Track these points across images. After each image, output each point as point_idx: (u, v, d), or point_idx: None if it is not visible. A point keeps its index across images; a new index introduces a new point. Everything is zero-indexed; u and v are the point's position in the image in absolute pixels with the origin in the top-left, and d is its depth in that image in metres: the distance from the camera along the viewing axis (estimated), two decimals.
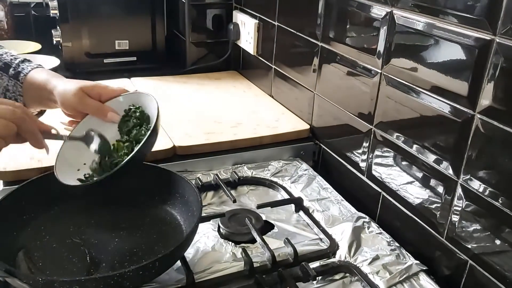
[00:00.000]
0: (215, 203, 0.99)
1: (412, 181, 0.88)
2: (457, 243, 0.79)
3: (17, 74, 0.88)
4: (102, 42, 1.56)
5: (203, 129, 1.17)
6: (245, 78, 1.58)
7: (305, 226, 0.93)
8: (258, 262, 0.80)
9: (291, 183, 1.05)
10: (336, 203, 0.98)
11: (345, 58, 1.03)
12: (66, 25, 1.51)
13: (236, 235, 0.87)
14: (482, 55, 0.70)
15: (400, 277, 0.78)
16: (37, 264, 0.74)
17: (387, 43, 0.89)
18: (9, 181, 0.94)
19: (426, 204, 0.85)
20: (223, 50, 1.61)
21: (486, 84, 0.70)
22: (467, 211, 0.76)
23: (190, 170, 1.07)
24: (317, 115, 1.18)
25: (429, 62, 0.80)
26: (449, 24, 0.75)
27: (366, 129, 0.98)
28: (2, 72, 0.89)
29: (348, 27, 1.01)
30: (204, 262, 0.80)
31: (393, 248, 0.85)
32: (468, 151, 0.74)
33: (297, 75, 1.25)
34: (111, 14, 1.56)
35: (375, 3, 0.91)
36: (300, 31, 1.20)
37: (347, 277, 0.80)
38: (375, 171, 0.97)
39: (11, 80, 0.88)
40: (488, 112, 0.70)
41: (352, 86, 1.02)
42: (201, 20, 1.60)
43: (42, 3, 1.86)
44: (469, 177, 0.75)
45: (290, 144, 1.17)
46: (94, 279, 0.66)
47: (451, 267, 0.81)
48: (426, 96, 0.81)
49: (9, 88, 0.89)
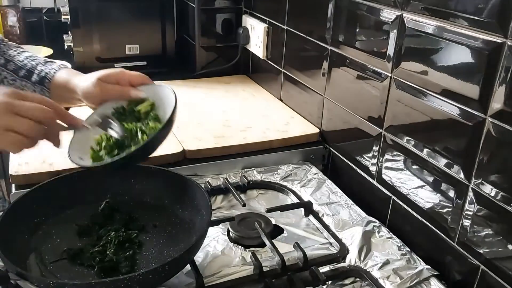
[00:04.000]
0: (224, 207, 0.99)
1: (422, 185, 0.87)
2: (469, 248, 0.78)
3: (42, 80, 0.89)
4: (112, 46, 1.58)
5: (213, 133, 1.17)
6: (254, 82, 1.58)
7: (314, 230, 0.93)
8: (267, 266, 0.79)
9: (300, 187, 1.05)
10: (346, 207, 0.98)
11: (354, 62, 1.03)
12: (77, 30, 1.52)
13: (246, 239, 0.87)
14: (493, 58, 0.69)
15: (410, 282, 0.77)
16: (48, 267, 0.74)
17: (397, 47, 0.89)
18: (21, 184, 0.95)
19: (437, 208, 0.84)
20: (233, 54, 1.61)
21: (497, 87, 0.69)
22: (478, 216, 0.75)
23: (199, 174, 1.07)
24: (327, 119, 1.18)
25: (440, 66, 0.79)
26: (460, 27, 0.74)
27: (376, 133, 0.98)
28: (27, 80, 0.90)
29: (357, 31, 1.01)
30: (213, 266, 0.80)
31: (404, 252, 0.84)
32: (480, 155, 0.74)
33: (306, 79, 1.25)
34: (121, 19, 1.57)
35: (385, 7, 0.91)
36: (309, 35, 1.20)
37: (357, 282, 0.80)
38: (385, 175, 0.97)
39: (37, 86, 0.90)
40: (500, 116, 0.69)
41: (362, 89, 1.01)
42: (211, 25, 1.61)
43: (54, 8, 1.88)
44: (481, 181, 0.74)
45: (299, 148, 1.17)
46: (105, 283, 0.66)
47: (463, 272, 0.80)
48: (437, 100, 0.81)
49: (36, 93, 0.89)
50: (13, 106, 0.66)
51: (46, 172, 0.95)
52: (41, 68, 0.90)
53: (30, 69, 0.91)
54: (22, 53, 0.95)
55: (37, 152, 1.04)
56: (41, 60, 0.93)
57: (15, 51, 0.95)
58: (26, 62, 0.92)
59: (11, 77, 0.91)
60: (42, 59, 0.93)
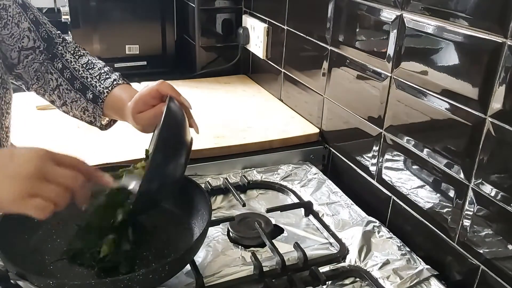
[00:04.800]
0: (224, 207, 0.99)
1: (422, 185, 0.87)
2: (469, 248, 0.78)
3: (95, 99, 0.88)
4: (112, 46, 1.58)
5: (213, 133, 1.17)
6: (254, 82, 1.58)
7: (314, 230, 0.93)
8: (267, 266, 0.79)
9: (300, 187, 1.05)
10: (346, 207, 0.98)
11: (354, 62, 1.03)
12: (77, 30, 1.52)
13: (246, 239, 0.87)
14: (493, 58, 0.69)
15: (411, 282, 0.77)
16: (48, 267, 0.74)
17: (397, 47, 0.89)
18: None
19: (437, 208, 0.84)
20: (233, 54, 1.61)
21: (497, 87, 0.69)
22: (478, 216, 0.75)
23: (199, 174, 1.07)
24: (327, 118, 1.18)
25: (440, 66, 0.79)
26: (460, 27, 0.74)
27: (376, 133, 0.98)
28: (81, 94, 0.89)
29: (357, 31, 1.01)
30: (213, 266, 0.80)
31: (404, 252, 0.84)
32: (480, 155, 0.74)
33: (306, 79, 1.25)
34: (121, 19, 1.57)
35: (385, 7, 0.91)
36: (309, 35, 1.20)
37: (357, 282, 0.80)
38: (385, 175, 0.97)
39: (90, 103, 0.89)
40: (500, 116, 0.69)
41: (362, 89, 1.01)
42: (211, 25, 1.61)
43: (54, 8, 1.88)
44: (481, 181, 0.74)
45: (299, 148, 1.17)
46: (104, 283, 0.66)
47: (463, 272, 0.80)
48: (437, 100, 0.81)
49: (88, 108, 0.90)
50: (45, 172, 0.60)
51: None
52: (96, 84, 0.89)
53: (85, 84, 0.89)
54: (80, 58, 0.93)
55: None
56: (96, 72, 0.90)
57: (72, 55, 0.93)
58: (82, 72, 0.91)
59: (67, 86, 0.91)
60: (97, 69, 0.91)
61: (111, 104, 0.88)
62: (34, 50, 0.91)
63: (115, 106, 0.88)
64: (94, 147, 1.08)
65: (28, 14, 0.89)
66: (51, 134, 1.15)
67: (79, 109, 0.91)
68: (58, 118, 1.22)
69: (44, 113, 1.25)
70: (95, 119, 0.92)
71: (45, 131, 1.17)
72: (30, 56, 0.91)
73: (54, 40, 0.94)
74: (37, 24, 0.91)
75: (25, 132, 1.15)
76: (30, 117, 1.23)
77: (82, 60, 0.93)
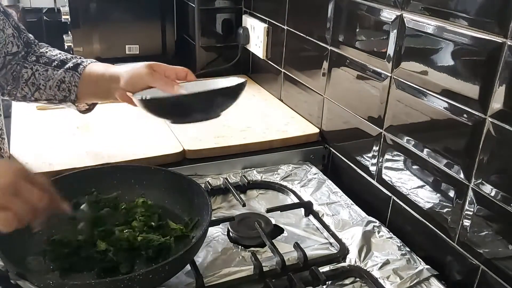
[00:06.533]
0: (224, 207, 0.99)
1: (422, 185, 0.87)
2: (469, 248, 0.78)
3: (76, 66, 0.92)
4: (112, 47, 1.57)
5: (213, 133, 1.17)
6: (254, 82, 1.58)
7: (314, 230, 0.93)
8: (267, 266, 0.79)
9: (300, 187, 1.05)
10: (346, 207, 0.98)
11: (354, 62, 1.03)
12: (77, 30, 1.52)
13: (246, 239, 0.87)
14: (493, 58, 0.69)
15: (411, 282, 0.77)
16: (48, 267, 0.74)
17: (397, 47, 0.89)
18: None
19: (437, 208, 0.84)
20: (233, 54, 1.61)
21: (497, 87, 0.69)
22: (478, 216, 0.75)
23: (199, 174, 1.07)
24: (327, 118, 1.18)
25: (440, 66, 0.79)
26: (460, 27, 0.74)
27: (376, 133, 0.98)
28: (59, 68, 0.92)
29: (357, 31, 1.01)
30: (213, 266, 0.80)
31: (404, 252, 0.84)
32: (480, 155, 0.74)
33: (306, 79, 1.25)
34: (121, 19, 1.57)
35: (385, 7, 0.91)
36: (309, 35, 1.20)
37: (357, 282, 0.80)
38: (385, 175, 0.97)
39: (68, 72, 0.91)
40: (500, 116, 0.69)
41: (362, 89, 1.01)
42: (211, 25, 1.61)
43: (54, 8, 1.88)
44: (481, 181, 0.74)
45: (299, 148, 1.17)
46: (104, 283, 0.66)
47: (463, 272, 0.80)
48: (437, 100, 0.81)
49: (65, 79, 0.92)
50: (18, 187, 0.62)
51: (46, 172, 0.95)
52: (76, 59, 0.93)
53: (64, 60, 0.93)
54: (55, 50, 0.98)
55: (37, 152, 1.05)
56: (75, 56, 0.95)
57: (47, 49, 0.98)
58: (59, 55, 0.95)
59: (43, 69, 0.93)
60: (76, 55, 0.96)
61: (93, 71, 0.91)
62: (17, 55, 0.94)
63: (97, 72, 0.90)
64: (94, 147, 1.08)
65: (10, 20, 0.93)
66: (51, 134, 1.15)
67: (54, 85, 0.92)
68: (58, 118, 1.22)
69: (44, 113, 1.25)
70: (69, 93, 0.92)
71: (45, 131, 1.17)
72: (13, 61, 0.94)
73: (32, 45, 0.98)
74: (18, 30, 0.96)
75: (25, 132, 1.15)
76: (30, 117, 1.23)
77: (58, 51, 0.98)
